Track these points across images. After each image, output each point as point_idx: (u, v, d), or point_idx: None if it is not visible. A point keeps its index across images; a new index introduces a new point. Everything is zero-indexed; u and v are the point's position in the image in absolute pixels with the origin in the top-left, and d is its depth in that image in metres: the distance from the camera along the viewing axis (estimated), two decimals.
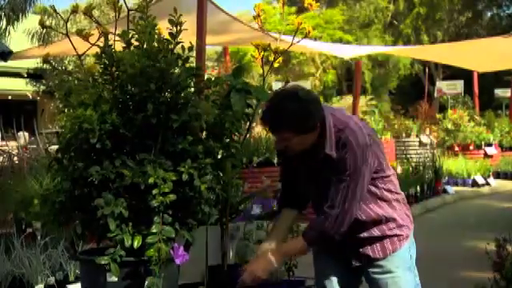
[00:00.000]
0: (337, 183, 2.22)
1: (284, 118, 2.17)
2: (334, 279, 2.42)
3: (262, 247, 2.40)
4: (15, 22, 8.18)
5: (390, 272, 2.34)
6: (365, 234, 2.33)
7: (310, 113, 2.18)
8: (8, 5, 7.92)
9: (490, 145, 14.28)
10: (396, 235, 2.34)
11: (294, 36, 2.84)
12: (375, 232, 2.33)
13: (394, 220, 2.34)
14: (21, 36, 10.26)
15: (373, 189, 2.30)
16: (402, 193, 2.45)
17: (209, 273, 3.07)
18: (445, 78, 25.47)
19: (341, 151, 2.21)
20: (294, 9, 23.81)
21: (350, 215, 2.22)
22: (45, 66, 11.64)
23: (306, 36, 2.83)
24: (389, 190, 2.34)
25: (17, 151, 6.74)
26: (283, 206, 2.49)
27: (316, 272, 2.54)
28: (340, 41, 26.26)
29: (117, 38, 2.42)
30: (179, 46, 2.40)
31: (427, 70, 25.03)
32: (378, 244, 2.34)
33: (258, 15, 2.82)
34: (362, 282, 2.51)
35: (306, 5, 2.76)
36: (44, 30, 8.90)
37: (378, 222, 2.32)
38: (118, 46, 2.43)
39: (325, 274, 2.46)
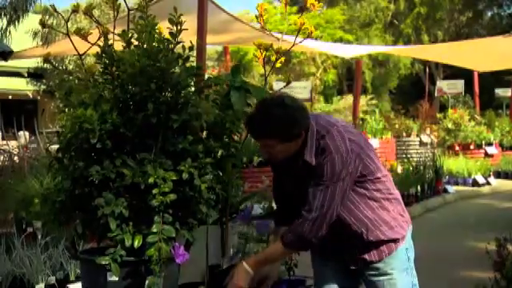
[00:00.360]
0: (314, 187, 2.21)
1: (269, 124, 2.17)
2: (333, 284, 2.43)
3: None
4: (16, 22, 8.18)
5: (386, 274, 2.34)
6: (358, 243, 2.32)
7: (296, 120, 2.19)
8: (9, 4, 7.92)
9: (490, 144, 14.28)
10: (391, 239, 2.33)
11: (296, 36, 2.84)
12: (369, 238, 2.31)
13: (385, 222, 2.32)
14: (21, 36, 10.27)
15: (361, 190, 2.29)
16: (397, 192, 2.43)
17: (209, 273, 3.07)
18: (445, 78, 25.45)
19: (320, 157, 2.21)
20: (294, 8, 23.78)
21: (329, 218, 2.21)
22: (45, 65, 11.65)
23: (308, 36, 2.83)
24: (379, 191, 2.32)
25: (17, 151, 6.74)
26: (279, 224, 2.48)
27: (315, 275, 2.54)
28: (340, 40, 26.26)
29: (117, 37, 2.42)
30: (179, 45, 2.40)
31: (428, 69, 25.03)
32: (373, 249, 2.34)
33: (261, 15, 2.82)
34: (361, 283, 2.52)
35: (308, 5, 2.76)
36: (45, 30, 8.89)
37: (370, 226, 2.31)
38: (118, 45, 2.43)
39: (324, 277, 2.47)
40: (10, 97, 18.63)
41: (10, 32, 8.39)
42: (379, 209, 2.32)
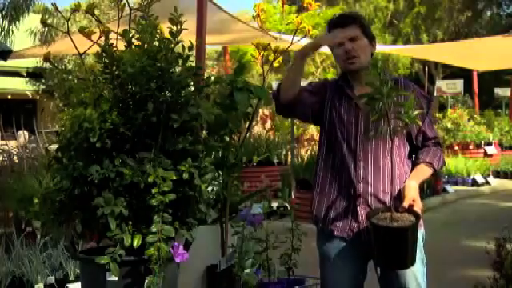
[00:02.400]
0: (427, 121, 2.46)
1: (356, 14, 2.52)
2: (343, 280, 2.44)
3: None
4: (16, 22, 8.17)
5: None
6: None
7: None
8: (11, 4, 7.92)
9: (489, 144, 14.28)
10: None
11: (294, 35, 2.84)
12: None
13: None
14: (21, 35, 10.26)
15: (407, 147, 2.50)
16: None
17: (208, 272, 3.08)
18: (444, 78, 25.47)
19: (404, 88, 2.40)
20: (294, 8, 23.77)
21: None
22: (45, 65, 11.65)
23: (306, 35, 2.83)
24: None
25: (16, 150, 6.74)
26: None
27: (324, 280, 2.53)
28: None
29: (119, 36, 2.42)
30: (179, 45, 2.40)
31: (427, 69, 25.05)
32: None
33: (258, 15, 2.82)
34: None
35: (305, 4, 2.76)
36: (45, 29, 8.89)
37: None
38: (120, 44, 2.43)
39: (334, 276, 2.46)
40: (9, 96, 18.63)
41: (12, 32, 8.37)
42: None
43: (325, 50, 2.75)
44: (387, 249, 2.16)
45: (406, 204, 2.24)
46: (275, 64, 2.86)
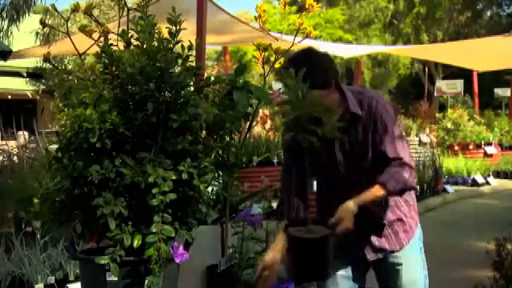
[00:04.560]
0: (387, 142, 2.23)
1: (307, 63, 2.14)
2: (342, 283, 2.43)
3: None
4: (17, 22, 8.18)
5: (401, 264, 2.38)
6: (387, 216, 2.35)
7: (323, 67, 2.17)
8: (11, 4, 7.92)
9: (489, 144, 14.29)
10: (409, 224, 2.39)
11: (295, 36, 2.84)
12: (393, 215, 2.35)
13: (407, 204, 2.40)
14: (21, 35, 10.26)
15: None
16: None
17: (209, 272, 3.07)
18: (444, 78, 25.48)
19: (368, 111, 2.23)
20: (294, 8, 23.77)
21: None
22: (45, 65, 11.65)
23: (307, 36, 2.83)
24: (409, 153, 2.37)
25: (16, 151, 6.74)
26: (294, 218, 2.38)
27: None
28: (340, 40, 26.25)
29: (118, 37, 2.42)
30: (179, 45, 2.40)
31: (427, 69, 25.03)
32: (393, 235, 2.37)
33: (260, 16, 2.82)
34: (365, 281, 2.53)
35: (307, 6, 2.76)
36: (46, 30, 8.89)
37: (394, 204, 2.36)
38: (120, 45, 2.43)
39: (331, 277, 2.46)
40: (10, 97, 18.63)
41: (11, 32, 8.38)
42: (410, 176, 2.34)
43: (324, 50, 2.74)
44: (299, 259, 2.20)
45: (332, 221, 2.24)
46: (276, 65, 2.86)
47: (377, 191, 2.25)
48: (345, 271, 2.43)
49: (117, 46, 2.42)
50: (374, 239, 2.37)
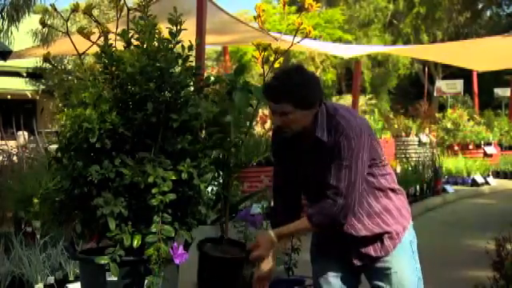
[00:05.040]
0: (336, 169, 2.21)
1: (287, 87, 2.17)
2: (334, 282, 2.43)
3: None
4: (16, 22, 8.18)
5: (391, 268, 2.35)
6: (366, 233, 2.33)
7: (313, 87, 2.20)
8: (11, 4, 7.92)
9: (489, 144, 14.28)
10: (395, 231, 2.35)
11: (295, 36, 2.84)
12: (375, 229, 2.33)
13: (390, 213, 2.35)
14: (21, 36, 10.26)
15: (370, 178, 2.30)
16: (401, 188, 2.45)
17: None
18: (444, 78, 25.49)
19: (333, 136, 2.22)
20: (293, 8, 23.79)
21: (356, 199, 2.22)
22: (44, 65, 11.65)
23: (306, 36, 2.83)
24: (385, 178, 2.34)
25: (16, 151, 6.74)
26: (278, 224, 2.37)
27: (314, 274, 2.54)
28: (340, 40, 26.26)
29: (118, 37, 2.42)
30: (179, 45, 2.40)
31: (427, 69, 25.05)
32: (378, 242, 2.34)
33: (259, 16, 2.82)
34: (361, 282, 2.52)
35: (306, 5, 2.76)
36: (45, 30, 8.89)
37: (377, 217, 2.33)
38: (120, 45, 2.43)
39: (324, 277, 2.46)
40: (9, 97, 18.62)
41: (11, 32, 8.37)
42: (383, 197, 2.34)
43: (324, 50, 2.75)
44: (209, 275, 2.23)
45: (249, 246, 2.25)
46: (276, 64, 2.86)
47: (301, 223, 2.28)
48: (336, 272, 2.44)
49: (115, 47, 2.41)
50: (359, 246, 2.36)
